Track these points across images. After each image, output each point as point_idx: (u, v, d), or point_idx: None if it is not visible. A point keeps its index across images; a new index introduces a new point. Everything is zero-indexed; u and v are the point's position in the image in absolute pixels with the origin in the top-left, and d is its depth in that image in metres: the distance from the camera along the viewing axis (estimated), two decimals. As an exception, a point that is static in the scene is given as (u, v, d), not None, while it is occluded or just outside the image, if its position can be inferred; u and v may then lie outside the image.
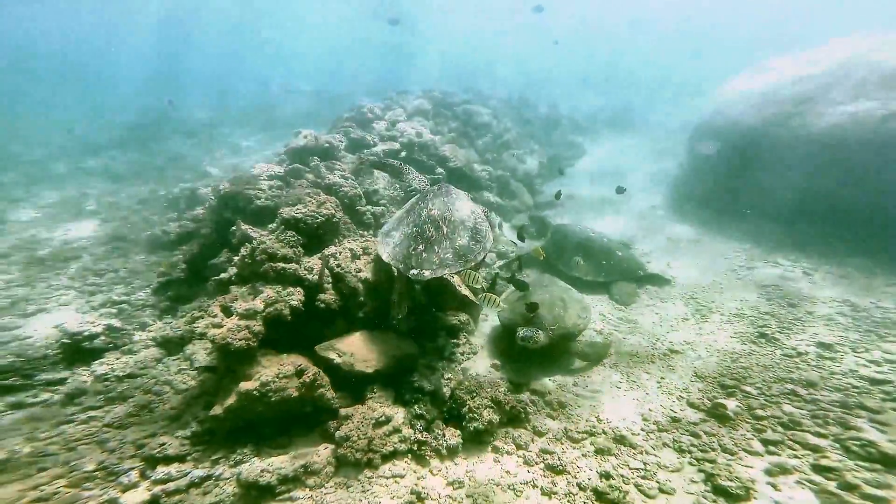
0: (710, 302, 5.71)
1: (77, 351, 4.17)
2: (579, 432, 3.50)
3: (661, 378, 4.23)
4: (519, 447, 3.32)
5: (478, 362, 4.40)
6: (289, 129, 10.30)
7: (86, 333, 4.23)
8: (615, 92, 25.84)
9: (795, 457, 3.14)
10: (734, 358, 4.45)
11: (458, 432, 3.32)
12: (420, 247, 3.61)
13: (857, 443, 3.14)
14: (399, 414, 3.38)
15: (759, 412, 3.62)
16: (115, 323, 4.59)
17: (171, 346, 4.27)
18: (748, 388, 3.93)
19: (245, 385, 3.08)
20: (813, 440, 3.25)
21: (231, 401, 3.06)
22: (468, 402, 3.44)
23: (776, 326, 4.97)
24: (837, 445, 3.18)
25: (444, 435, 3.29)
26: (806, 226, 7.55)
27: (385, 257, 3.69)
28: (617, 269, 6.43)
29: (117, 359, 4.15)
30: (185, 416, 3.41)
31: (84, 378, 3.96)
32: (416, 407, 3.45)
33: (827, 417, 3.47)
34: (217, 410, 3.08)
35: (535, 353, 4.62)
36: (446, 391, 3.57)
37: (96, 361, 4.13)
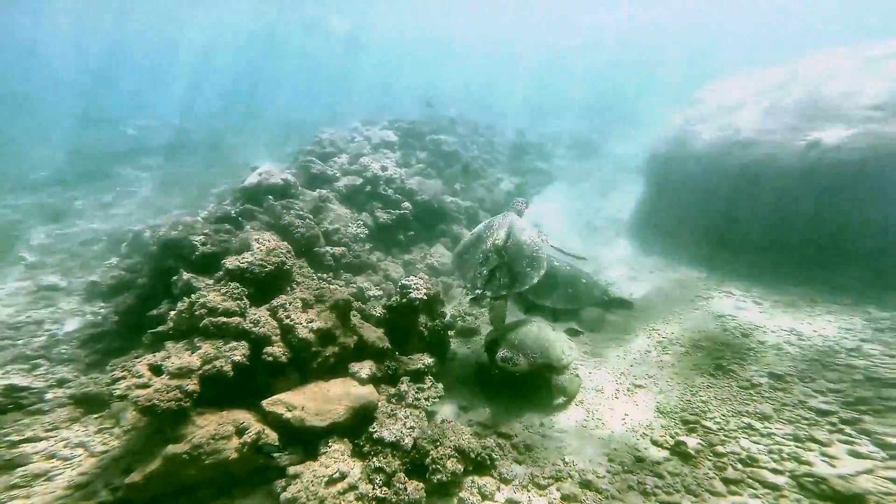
0: (671, 333, 5.86)
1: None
2: (545, 477, 3.43)
3: (626, 415, 4.23)
4: (485, 497, 3.20)
5: (444, 406, 4.25)
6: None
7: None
8: (576, 116, 26.71)
9: (756, 496, 3.16)
10: (693, 392, 4.53)
11: (422, 485, 3.14)
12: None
13: (811, 479, 3.22)
14: (356, 469, 3.16)
15: (720, 448, 3.66)
16: (19, 381, 4.11)
17: (94, 403, 3.86)
18: (708, 423, 3.98)
19: (173, 448, 2.78)
20: (771, 478, 3.29)
21: (155, 465, 2.74)
22: (431, 452, 3.27)
23: (731, 357, 5.13)
24: (794, 483, 3.24)
25: (405, 489, 3.09)
26: (753, 254, 8.00)
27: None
28: (583, 296, 6.53)
29: (16, 421, 3.71)
30: (95, 483, 3.00)
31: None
32: (375, 460, 3.24)
33: (782, 452, 3.55)
34: (136, 477, 2.73)
35: (509, 388, 4.55)
36: (408, 441, 3.39)
37: None
